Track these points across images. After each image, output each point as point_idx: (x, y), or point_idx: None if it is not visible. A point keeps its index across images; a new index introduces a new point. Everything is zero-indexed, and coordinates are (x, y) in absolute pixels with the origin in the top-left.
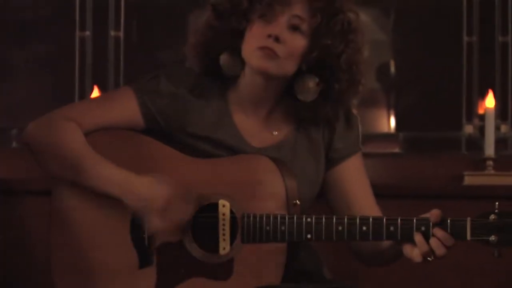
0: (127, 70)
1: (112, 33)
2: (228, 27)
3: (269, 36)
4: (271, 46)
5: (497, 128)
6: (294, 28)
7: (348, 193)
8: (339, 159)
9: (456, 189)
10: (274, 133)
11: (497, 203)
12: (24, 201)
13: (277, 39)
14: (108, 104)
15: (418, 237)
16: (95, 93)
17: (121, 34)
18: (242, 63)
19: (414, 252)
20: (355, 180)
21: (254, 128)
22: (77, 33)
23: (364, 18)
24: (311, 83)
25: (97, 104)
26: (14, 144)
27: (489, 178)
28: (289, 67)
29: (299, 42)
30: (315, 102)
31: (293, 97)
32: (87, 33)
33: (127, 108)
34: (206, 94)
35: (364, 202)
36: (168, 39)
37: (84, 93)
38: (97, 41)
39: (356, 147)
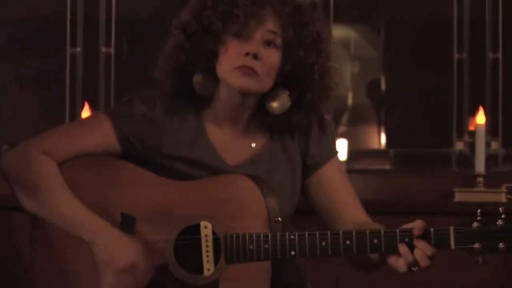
0: (118, 86)
1: (103, 49)
2: (201, 49)
3: (247, 54)
4: (250, 64)
5: (488, 145)
6: (269, 43)
7: (332, 197)
8: (317, 165)
9: (447, 205)
10: (252, 145)
11: (479, 210)
12: (12, 217)
13: (255, 57)
14: (83, 130)
15: (402, 248)
16: (86, 109)
17: (112, 50)
18: (216, 82)
19: (399, 262)
20: (337, 184)
21: (231, 143)
22: (68, 49)
23: (354, 35)
24: (282, 97)
25: (72, 131)
26: None
27: (479, 194)
28: (268, 83)
29: (274, 57)
30: (287, 112)
31: (266, 108)
32: (78, 49)
33: (102, 133)
34: (181, 114)
35: (349, 204)
36: (159, 55)
37: (75, 109)
38: (88, 57)
39: (332, 152)
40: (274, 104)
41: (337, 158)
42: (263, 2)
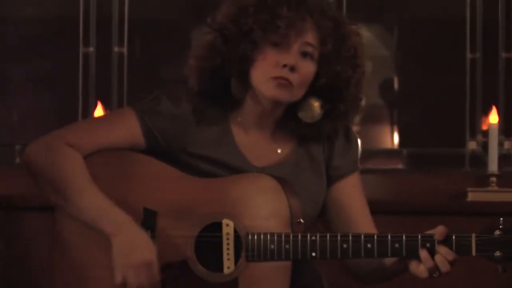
0: (131, 86)
1: (116, 49)
2: (237, 54)
3: (284, 66)
4: (286, 76)
5: (501, 144)
6: (305, 55)
7: (346, 211)
8: (338, 177)
9: (460, 205)
10: (278, 150)
11: (501, 218)
12: (25, 217)
13: (292, 69)
14: (109, 124)
15: (423, 254)
16: (99, 109)
17: (125, 50)
18: (247, 87)
19: (420, 268)
20: (353, 199)
21: (257, 147)
22: (81, 49)
23: (367, 34)
24: (315, 106)
25: (98, 124)
26: (17, 160)
27: (492, 194)
28: (300, 93)
29: (310, 69)
30: (318, 121)
31: (294, 115)
32: (91, 49)
33: (128, 127)
34: (207, 114)
35: (361, 221)
36: (171, 55)
37: (88, 109)
38: (101, 57)
39: (355, 166)
40: (307, 115)
41: (358, 173)
42: (304, 14)
